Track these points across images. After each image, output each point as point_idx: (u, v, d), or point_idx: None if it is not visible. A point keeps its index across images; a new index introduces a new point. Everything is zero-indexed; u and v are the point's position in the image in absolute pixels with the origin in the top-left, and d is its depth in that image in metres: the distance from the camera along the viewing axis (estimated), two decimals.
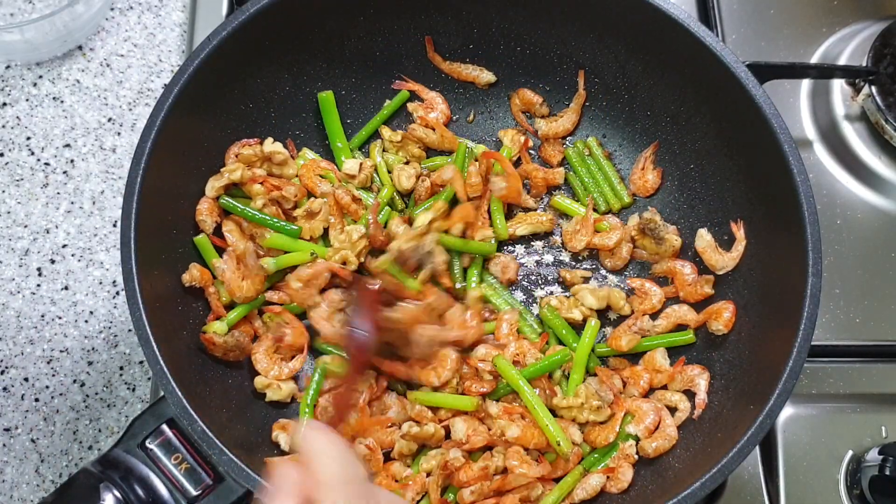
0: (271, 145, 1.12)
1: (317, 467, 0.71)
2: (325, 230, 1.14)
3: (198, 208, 1.08)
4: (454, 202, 1.17)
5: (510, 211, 1.21)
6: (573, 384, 1.08)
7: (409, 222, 1.15)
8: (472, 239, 1.15)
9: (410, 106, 1.22)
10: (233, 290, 1.06)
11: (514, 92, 1.24)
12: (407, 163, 1.20)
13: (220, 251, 1.09)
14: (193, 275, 1.05)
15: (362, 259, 1.12)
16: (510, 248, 1.20)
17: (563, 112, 1.23)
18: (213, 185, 1.09)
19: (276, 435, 1.05)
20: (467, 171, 1.16)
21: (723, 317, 1.07)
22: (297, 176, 1.15)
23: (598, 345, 1.13)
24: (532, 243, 1.21)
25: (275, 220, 1.10)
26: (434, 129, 1.20)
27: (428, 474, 1.04)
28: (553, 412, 1.06)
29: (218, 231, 1.10)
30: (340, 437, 0.77)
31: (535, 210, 1.21)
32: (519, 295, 1.18)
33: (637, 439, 1.05)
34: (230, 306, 1.09)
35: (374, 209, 1.12)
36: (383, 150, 1.21)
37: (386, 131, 1.21)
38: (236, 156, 1.11)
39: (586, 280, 1.17)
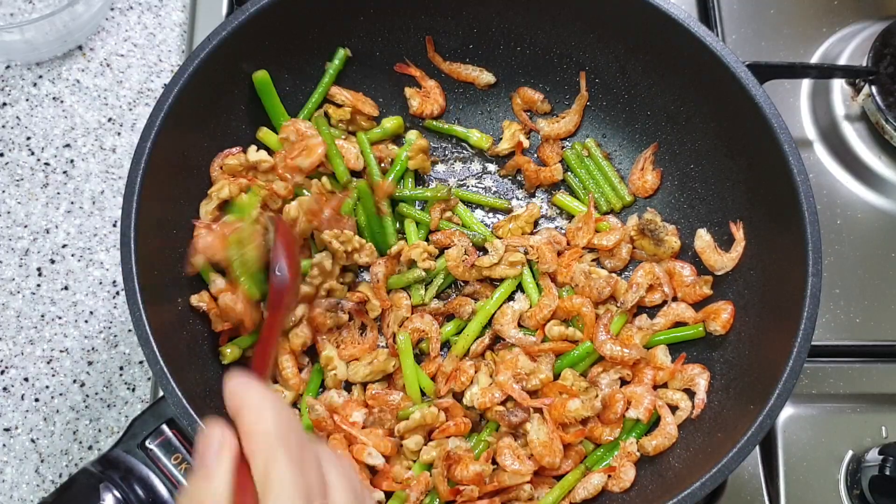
0: (255, 154, 1.11)
1: (249, 418, 0.64)
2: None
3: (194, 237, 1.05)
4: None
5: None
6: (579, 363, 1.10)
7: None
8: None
9: (408, 91, 1.22)
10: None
11: (515, 91, 1.24)
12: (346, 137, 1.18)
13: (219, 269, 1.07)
14: (203, 298, 1.05)
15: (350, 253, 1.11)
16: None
17: (564, 113, 1.23)
18: (206, 210, 1.07)
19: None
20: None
21: (721, 317, 1.07)
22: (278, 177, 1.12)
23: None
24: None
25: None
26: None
27: (430, 467, 1.03)
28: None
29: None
30: (270, 390, 0.70)
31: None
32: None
33: (642, 426, 1.06)
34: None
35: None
36: (330, 126, 1.17)
37: (333, 109, 1.18)
38: (221, 167, 1.10)
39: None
